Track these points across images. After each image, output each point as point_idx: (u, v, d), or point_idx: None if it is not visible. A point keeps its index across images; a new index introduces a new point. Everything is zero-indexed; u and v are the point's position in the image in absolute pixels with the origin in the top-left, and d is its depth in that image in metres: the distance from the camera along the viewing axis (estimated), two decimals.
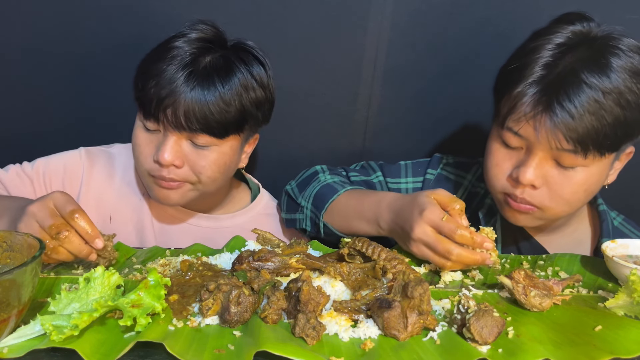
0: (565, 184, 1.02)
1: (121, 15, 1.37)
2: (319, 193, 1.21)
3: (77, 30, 1.38)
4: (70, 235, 0.89)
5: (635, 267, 0.88)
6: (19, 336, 0.71)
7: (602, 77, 0.95)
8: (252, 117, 1.16)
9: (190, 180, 1.15)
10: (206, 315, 0.78)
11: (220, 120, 1.09)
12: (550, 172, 1.02)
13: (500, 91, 1.07)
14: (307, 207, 1.22)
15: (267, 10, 1.40)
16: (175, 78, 1.07)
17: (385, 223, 1.07)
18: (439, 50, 1.46)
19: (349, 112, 1.51)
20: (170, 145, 1.10)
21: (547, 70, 0.99)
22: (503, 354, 0.71)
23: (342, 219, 1.16)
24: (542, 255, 1.10)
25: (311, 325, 0.74)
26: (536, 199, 1.04)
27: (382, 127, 1.54)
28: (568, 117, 0.95)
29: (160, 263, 0.98)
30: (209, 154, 1.13)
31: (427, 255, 0.96)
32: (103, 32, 1.39)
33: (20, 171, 1.25)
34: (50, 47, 1.40)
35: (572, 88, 0.96)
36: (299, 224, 1.26)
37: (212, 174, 1.15)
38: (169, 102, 1.07)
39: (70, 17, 1.38)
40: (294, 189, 1.28)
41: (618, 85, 0.96)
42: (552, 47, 1.00)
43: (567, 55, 0.99)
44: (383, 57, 1.46)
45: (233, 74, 1.11)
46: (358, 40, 1.44)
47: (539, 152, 1.01)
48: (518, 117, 1.01)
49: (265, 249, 0.93)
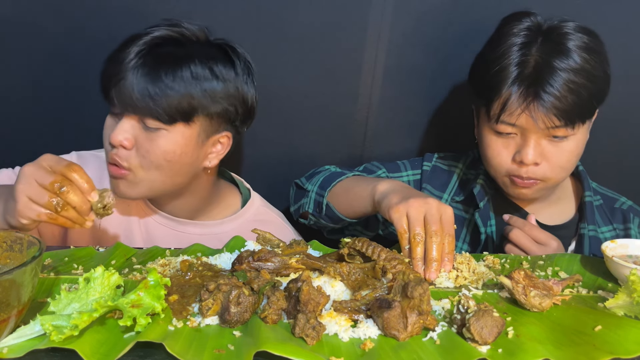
0: (560, 154, 1.19)
1: (113, 18, 1.37)
2: (327, 177, 1.29)
3: (66, 32, 1.38)
4: (72, 190, 0.93)
5: (635, 267, 0.88)
6: (18, 336, 0.71)
7: (568, 60, 1.14)
8: (204, 109, 1.15)
9: (132, 165, 1.13)
10: (206, 315, 0.78)
11: (162, 103, 1.10)
12: (546, 148, 1.19)
13: (485, 93, 1.20)
14: (313, 190, 1.29)
15: (266, 11, 1.40)
16: (124, 58, 1.11)
17: (381, 187, 1.09)
18: (439, 50, 1.46)
19: (349, 112, 1.51)
20: (121, 125, 1.12)
21: (522, 67, 1.15)
22: (503, 354, 0.71)
23: (344, 198, 1.22)
24: (542, 255, 1.10)
25: (311, 325, 0.74)
26: (539, 173, 1.20)
27: (382, 127, 1.54)
28: (555, 100, 1.13)
29: (160, 263, 0.98)
30: (157, 137, 1.12)
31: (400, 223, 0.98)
32: (93, 35, 1.38)
33: (13, 175, 1.25)
34: (40, 51, 1.40)
35: (550, 76, 1.13)
36: (302, 208, 1.31)
37: (156, 160, 1.13)
38: (116, 80, 1.11)
39: (61, 19, 1.38)
40: (302, 179, 1.34)
41: (581, 63, 1.14)
42: (517, 49, 1.17)
43: (532, 50, 1.15)
44: (383, 57, 1.46)
45: (184, 62, 1.12)
46: (358, 40, 1.44)
47: (533, 134, 1.17)
48: (511, 112, 1.16)
49: (265, 249, 0.93)
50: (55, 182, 0.93)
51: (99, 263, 0.95)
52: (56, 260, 0.99)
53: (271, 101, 1.40)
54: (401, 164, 1.42)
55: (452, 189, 1.39)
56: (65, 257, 1.00)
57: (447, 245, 0.96)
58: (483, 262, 1.05)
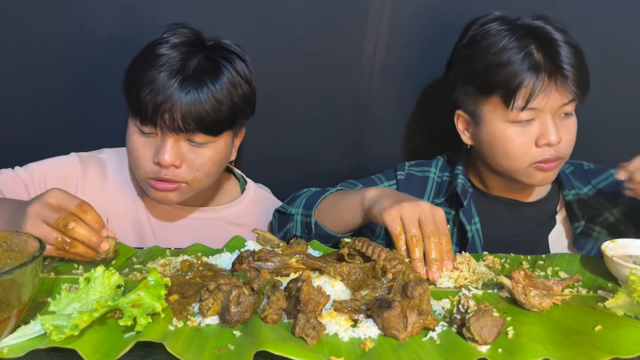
0: (571, 130, 1.23)
1: (110, 19, 1.37)
2: (310, 197, 1.26)
3: (66, 32, 1.38)
4: (77, 226, 0.91)
5: (635, 267, 0.88)
6: (19, 336, 0.71)
7: (562, 34, 1.19)
8: (241, 112, 1.21)
9: (187, 180, 1.18)
10: (206, 315, 0.78)
11: (215, 119, 1.14)
12: (562, 125, 1.21)
13: (505, 89, 1.18)
14: (297, 212, 1.26)
15: (265, 10, 1.40)
16: (170, 84, 1.12)
17: (370, 194, 1.09)
18: (438, 49, 1.45)
19: (347, 111, 1.51)
20: (169, 147, 1.14)
21: (528, 56, 1.17)
22: (503, 354, 0.71)
23: (331, 213, 1.19)
24: (542, 255, 1.10)
25: (311, 325, 0.74)
26: (561, 151, 1.21)
27: (381, 126, 1.54)
28: (575, 70, 1.16)
29: (160, 263, 0.98)
30: (206, 151, 1.18)
31: (394, 225, 0.98)
32: (90, 36, 1.38)
33: (14, 175, 1.25)
34: (40, 50, 1.39)
35: (560, 50, 1.17)
36: (289, 233, 1.28)
37: (209, 170, 1.20)
38: (166, 107, 1.11)
39: (61, 18, 1.38)
40: (284, 205, 1.32)
41: (569, 38, 1.19)
42: (514, 38, 1.18)
43: (527, 38, 1.18)
44: (382, 56, 1.46)
45: (221, 74, 1.16)
46: (356, 39, 1.44)
47: (549, 114, 1.19)
48: (537, 94, 1.16)
49: (265, 249, 0.94)
50: (59, 219, 0.91)
51: (100, 263, 0.96)
52: (56, 260, 0.99)
53: (269, 99, 1.40)
54: (376, 178, 1.42)
55: (429, 193, 1.39)
56: None
57: (444, 245, 0.97)
58: (483, 262, 1.05)
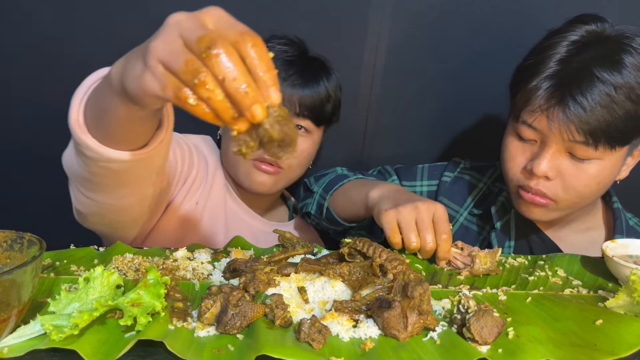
0: (578, 176, 1.06)
1: (110, 19, 1.37)
2: (332, 180, 1.27)
3: (66, 31, 1.38)
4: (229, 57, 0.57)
5: (636, 267, 0.88)
6: (19, 336, 0.71)
7: (614, 73, 0.99)
8: None
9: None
10: (204, 318, 0.76)
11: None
12: (564, 164, 1.06)
13: (516, 86, 1.10)
14: (318, 192, 1.28)
15: (266, 11, 1.40)
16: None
17: (374, 193, 1.08)
18: (439, 50, 1.46)
19: (349, 112, 1.51)
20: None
21: (561, 65, 1.03)
22: (503, 354, 0.71)
23: (341, 202, 1.20)
24: (542, 255, 1.09)
25: (317, 329, 0.73)
26: (550, 190, 1.07)
27: (382, 127, 1.54)
28: (580, 110, 0.99)
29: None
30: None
31: (389, 228, 0.98)
32: (91, 36, 1.38)
33: None
34: (40, 49, 1.40)
35: (585, 82, 0.99)
36: (305, 208, 1.31)
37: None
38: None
39: (60, 17, 1.38)
40: (311, 179, 1.34)
41: (629, 80, 0.99)
42: (566, 44, 1.04)
43: (581, 52, 1.03)
44: (383, 57, 1.46)
45: None
46: (358, 40, 1.44)
47: (553, 144, 1.05)
48: (532, 109, 1.04)
49: (240, 260, 0.92)
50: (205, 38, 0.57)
51: (99, 263, 0.96)
52: (56, 260, 0.99)
53: None
54: (419, 171, 1.34)
55: (470, 202, 1.30)
56: (65, 259, 1.00)
57: (442, 245, 0.97)
58: None
